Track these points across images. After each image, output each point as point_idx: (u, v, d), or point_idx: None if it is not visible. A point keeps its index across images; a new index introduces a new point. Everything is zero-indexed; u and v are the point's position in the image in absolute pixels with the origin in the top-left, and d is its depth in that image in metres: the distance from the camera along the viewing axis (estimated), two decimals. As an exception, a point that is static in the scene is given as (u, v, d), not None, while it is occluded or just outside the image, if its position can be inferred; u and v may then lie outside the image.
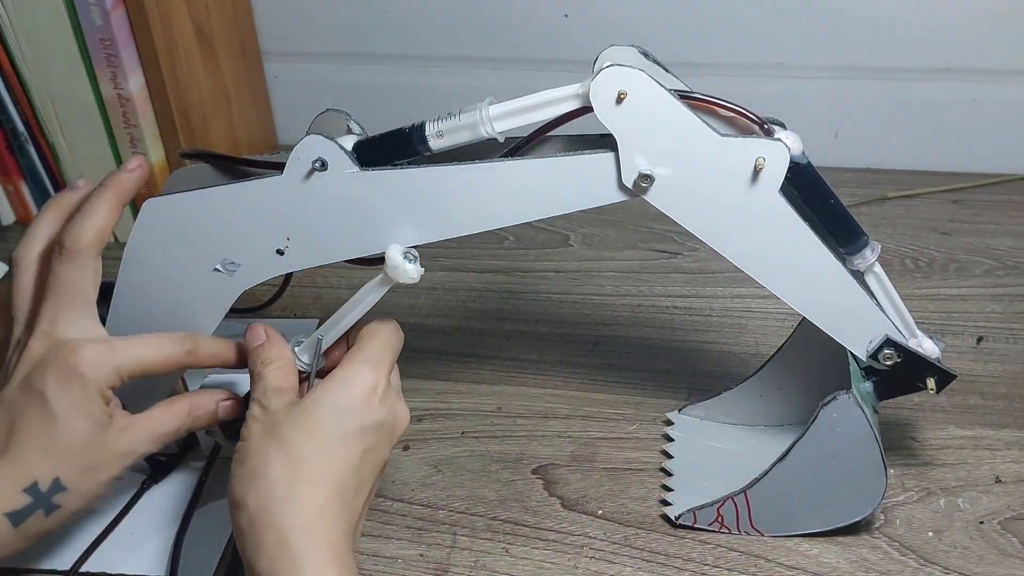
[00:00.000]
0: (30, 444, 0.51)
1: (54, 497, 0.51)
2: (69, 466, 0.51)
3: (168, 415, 0.55)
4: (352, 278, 0.85)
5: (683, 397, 0.70)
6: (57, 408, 0.51)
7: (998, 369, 0.72)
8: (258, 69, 1.05)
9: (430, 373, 0.74)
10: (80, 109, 0.86)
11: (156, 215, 0.55)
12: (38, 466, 0.50)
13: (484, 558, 0.59)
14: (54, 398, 0.51)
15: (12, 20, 0.81)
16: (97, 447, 0.52)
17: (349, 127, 0.55)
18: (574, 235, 0.91)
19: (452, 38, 1.01)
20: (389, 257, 0.53)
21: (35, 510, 0.50)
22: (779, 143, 0.50)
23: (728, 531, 0.60)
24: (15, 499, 0.50)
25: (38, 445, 0.51)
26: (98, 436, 0.52)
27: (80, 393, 0.51)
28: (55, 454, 0.51)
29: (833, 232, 0.54)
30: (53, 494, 0.51)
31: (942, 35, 0.93)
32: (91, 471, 0.52)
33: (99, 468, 0.52)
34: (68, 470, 0.51)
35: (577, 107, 0.50)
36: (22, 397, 0.52)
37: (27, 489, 0.50)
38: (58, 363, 0.52)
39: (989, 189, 0.95)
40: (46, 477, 0.50)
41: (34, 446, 0.51)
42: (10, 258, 0.57)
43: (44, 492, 0.50)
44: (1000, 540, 0.59)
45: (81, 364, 0.51)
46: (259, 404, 0.52)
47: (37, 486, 0.50)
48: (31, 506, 0.50)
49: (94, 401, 0.52)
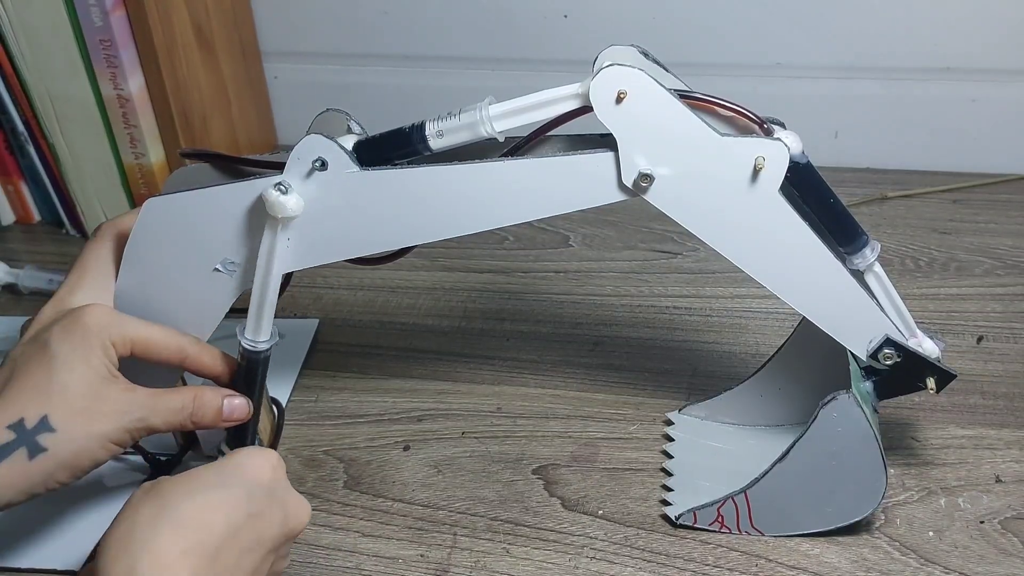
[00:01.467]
0: (25, 384, 0.50)
1: (40, 436, 0.49)
2: (61, 406, 0.50)
3: (173, 394, 0.54)
4: (352, 278, 0.85)
5: (683, 397, 0.70)
6: (57, 351, 0.50)
7: (998, 369, 0.72)
8: (258, 69, 1.05)
9: (430, 373, 0.74)
10: (80, 109, 0.86)
11: (156, 214, 0.55)
12: (28, 404, 0.49)
13: (484, 558, 0.59)
14: (55, 343, 0.51)
15: (12, 20, 0.81)
16: (94, 393, 0.50)
17: (349, 127, 0.55)
18: (574, 235, 0.91)
19: (452, 38, 1.01)
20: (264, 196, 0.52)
21: (17, 447, 0.48)
22: (779, 143, 0.50)
23: (728, 531, 0.59)
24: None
25: (32, 384, 0.50)
26: (96, 382, 0.51)
27: (82, 341, 0.51)
28: (47, 392, 0.50)
29: (833, 232, 0.54)
30: (39, 432, 0.49)
31: (942, 35, 0.93)
32: (84, 416, 0.50)
33: (93, 416, 0.50)
34: (59, 410, 0.49)
35: (577, 107, 0.50)
36: (26, 349, 0.52)
37: (12, 425, 0.48)
38: (66, 319, 0.52)
39: (989, 189, 0.95)
40: (34, 414, 0.49)
41: (28, 385, 0.50)
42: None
43: (29, 429, 0.49)
44: (1000, 540, 0.59)
45: (87, 316, 0.52)
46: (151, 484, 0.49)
47: (23, 422, 0.49)
48: (14, 443, 0.48)
49: (96, 351, 0.51)
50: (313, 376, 0.74)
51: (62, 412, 0.50)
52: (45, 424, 0.49)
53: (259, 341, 0.56)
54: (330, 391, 0.73)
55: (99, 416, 0.51)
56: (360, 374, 0.74)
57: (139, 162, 0.89)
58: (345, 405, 0.71)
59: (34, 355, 0.51)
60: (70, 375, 0.50)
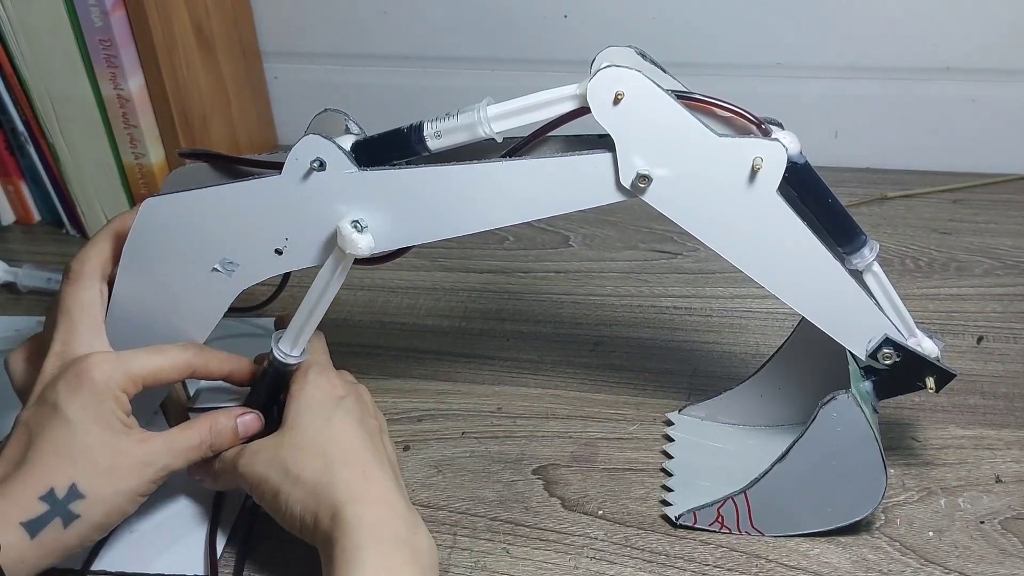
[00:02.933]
0: (46, 451, 0.50)
1: (71, 504, 0.50)
2: (86, 470, 0.51)
3: (187, 431, 0.56)
4: (352, 278, 0.84)
5: (683, 397, 0.70)
6: (70, 413, 0.51)
7: (998, 369, 0.72)
8: (258, 69, 1.05)
9: (430, 373, 0.74)
10: (80, 109, 0.86)
11: (155, 214, 0.55)
12: (54, 472, 0.50)
13: (484, 558, 0.59)
14: (66, 405, 0.51)
15: (12, 20, 0.81)
16: (113, 451, 0.52)
17: (348, 127, 0.55)
18: (574, 235, 0.91)
19: (452, 38, 1.01)
20: (340, 229, 0.53)
21: (52, 518, 0.49)
22: (776, 143, 0.50)
23: (728, 531, 0.59)
24: (31, 507, 0.49)
25: (53, 451, 0.50)
26: (114, 440, 0.52)
27: (92, 398, 0.51)
28: (71, 458, 0.50)
29: (831, 232, 0.54)
30: (70, 501, 0.50)
31: (942, 35, 0.93)
32: (109, 477, 0.51)
33: (117, 475, 0.52)
34: (85, 475, 0.50)
35: (575, 108, 0.50)
36: (37, 412, 0.52)
37: (43, 496, 0.49)
38: (68, 374, 0.52)
39: (989, 189, 0.95)
40: (63, 483, 0.50)
41: (50, 452, 0.50)
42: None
43: (61, 499, 0.50)
44: (1001, 540, 0.59)
45: (92, 370, 0.52)
46: (239, 451, 0.56)
47: (53, 492, 0.50)
48: (48, 514, 0.49)
49: (107, 406, 0.52)
50: (313, 376, 0.74)
51: (88, 476, 0.51)
52: (75, 492, 0.50)
53: (292, 355, 0.58)
54: (330, 391, 0.73)
55: (123, 473, 0.52)
56: (360, 374, 0.74)
57: (139, 162, 0.89)
58: (345, 405, 0.71)
59: (48, 419, 0.51)
60: (88, 437, 0.51)
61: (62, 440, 0.51)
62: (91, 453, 0.51)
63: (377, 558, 0.48)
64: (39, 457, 0.50)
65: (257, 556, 0.59)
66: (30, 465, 0.50)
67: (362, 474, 0.53)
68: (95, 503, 0.51)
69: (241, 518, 0.62)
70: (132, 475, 0.52)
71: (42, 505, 0.49)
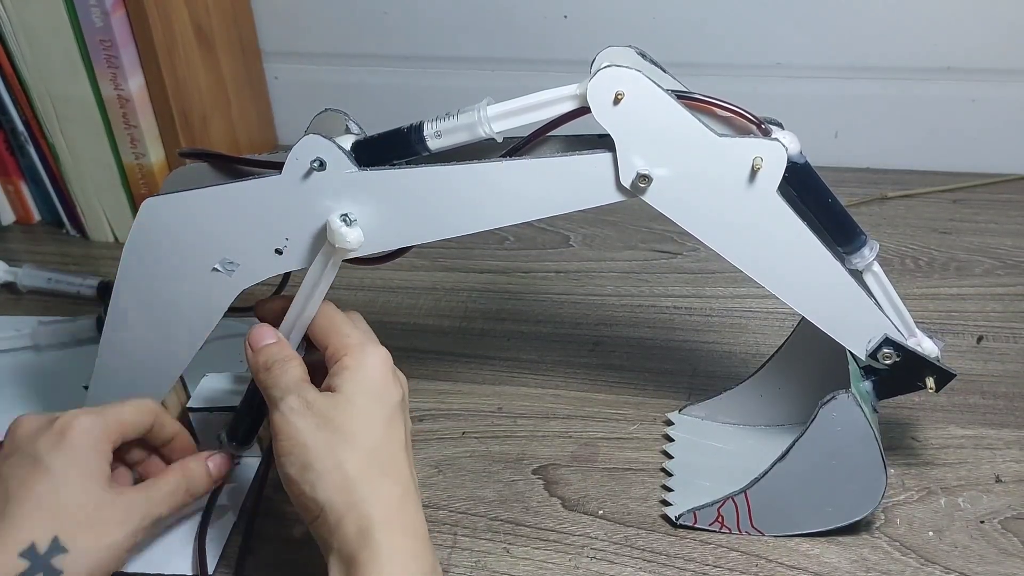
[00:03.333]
0: (27, 505, 0.50)
1: (54, 559, 0.49)
2: (68, 524, 0.50)
3: (162, 481, 0.56)
4: (352, 278, 0.85)
5: (683, 397, 0.70)
6: (53, 466, 0.50)
7: (998, 368, 0.72)
8: (258, 69, 1.05)
9: (430, 373, 0.74)
10: (80, 109, 0.86)
11: (155, 214, 0.55)
12: (35, 526, 0.49)
13: (485, 558, 0.59)
14: (49, 458, 0.51)
15: (12, 20, 0.81)
16: (96, 504, 0.51)
17: (348, 127, 0.55)
18: (574, 235, 0.91)
19: (452, 38, 1.01)
20: (329, 223, 0.53)
21: (34, 575, 0.48)
22: (776, 143, 0.50)
23: (728, 531, 0.59)
24: (11, 564, 0.48)
25: (35, 504, 0.50)
26: (96, 493, 0.51)
27: (75, 452, 0.51)
28: (53, 512, 0.50)
29: (831, 231, 0.54)
30: (52, 556, 0.49)
31: (942, 35, 0.93)
32: (91, 530, 0.51)
33: (100, 528, 0.51)
34: (67, 528, 0.50)
35: (575, 108, 0.50)
36: (15, 465, 0.51)
37: (24, 552, 0.48)
38: (50, 432, 0.52)
39: (989, 189, 0.95)
40: (44, 537, 0.49)
41: (30, 505, 0.49)
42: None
43: (42, 554, 0.49)
44: (1001, 539, 0.59)
45: (74, 426, 0.52)
46: (297, 397, 0.51)
47: (35, 548, 0.49)
48: (29, 570, 0.48)
49: (91, 459, 0.52)
50: (313, 376, 0.74)
51: (71, 530, 0.50)
52: (57, 546, 0.49)
53: None
54: (330, 391, 0.73)
55: (107, 527, 0.51)
56: (360, 374, 0.74)
57: (139, 162, 0.89)
58: (345, 405, 0.71)
59: (28, 472, 0.51)
60: (70, 489, 0.50)
61: (44, 493, 0.50)
62: (73, 506, 0.50)
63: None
64: (19, 511, 0.49)
65: (257, 556, 0.59)
66: (10, 519, 0.49)
67: (401, 494, 0.50)
68: (78, 557, 0.50)
69: (241, 518, 0.62)
70: (115, 528, 0.52)
71: (23, 562, 0.48)
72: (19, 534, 0.49)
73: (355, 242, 0.53)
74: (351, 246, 0.53)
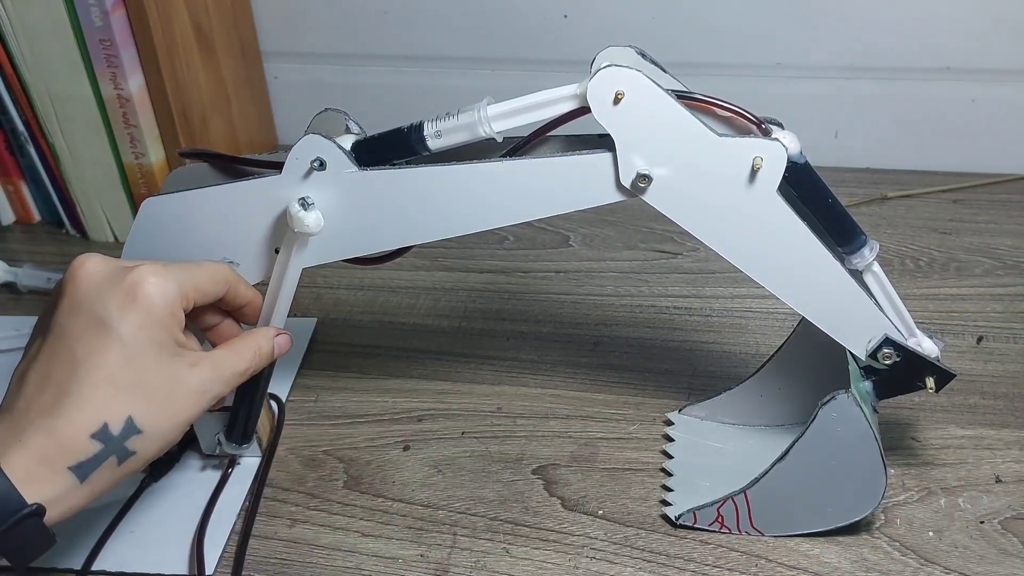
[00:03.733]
0: (97, 379, 0.44)
1: (128, 441, 0.45)
2: (145, 402, 0.45)
3: (235, 356, 0.52)
4: (352, 278, 0.85)
5: (683, 397, 0.70)
6: (125, 334, 0.45)
7: (998, 369, 0.72)
8: (258, 69, 1.05)
9: (430, 373, 0.74)
10: (80, 109, 0.86)
11: (155, 214, 0.55)
12: (109, 404, 0.44)
13: (484, 558, 0.59)
14: (119, 323, 0.45)
15: (12, 20, 0.81)
16: (170, 379, 0.46)
17: (348, 127, 0.55)
18: (574, 235, 0.91)
19: (452, 38, 1.01)
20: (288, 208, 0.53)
21: (106, 458, 0.44)
22: (776, 143, 0.50)
23: (728, 531, 0.59)
24: (82, 448, 0.44)
25: (106, 378, 0.44)
26: (171, 366, 0.46)
27: (148, 315, 0.46)
28: (127, 388, 0.45)
29: (831, 232, 0.54)
30: (127, 437, 0.45)
31: (942, 35, 0.93)
32: (167, 409, 0.46)
33: (174, 406, 0.47)
34: (144, 406, 0.45)
35: (575, 107, 0.50)
36: (81, 326, 0.46)
37: (96, 434, 0.44)
38: (118, 288, 0.46)
39: (989, 189, 0.95)
40: (118, 417, 0.44)
41: (102, 380, 0.44)
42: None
43: (116, 436, 0.44)
44: (1001, 540, 0.59)
45: (145, 285, 0.46)
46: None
47: (107, 429, 0.44)
48: (101, 454, 0.44)
49: (164, 324, 0.47)
50: (313, 376, 0.74)
51: (146, 408, 0.45)
52: (132, 426, 0.45)
53: None
54: (330, 391, 0.73)
55: (180, 403, 0.47)
56: (360, 374, 0.74)
57: (139, 162, 0.89)
58: (345, 405, 0.71)
59: (96, 337, 0.45)
60: (144, 361, 0.45)
61: (116, 366, 0.45)
62: (150, 381, 0.45)
63: None
64: (89, 386, 0.44)
65: (257, 556, 0.60)
66: (77, 397, 0.44)
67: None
68: (153, 438, 0.46)
69: (240, 518, 0.62)
70: (190, 405, 0.47)
71: (95, 444, 0.44)
72: (90, 413, 0.44)
73: (314, 225, 0.53)
74: (310, 230, 0.53)
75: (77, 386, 0.44)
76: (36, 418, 0.44)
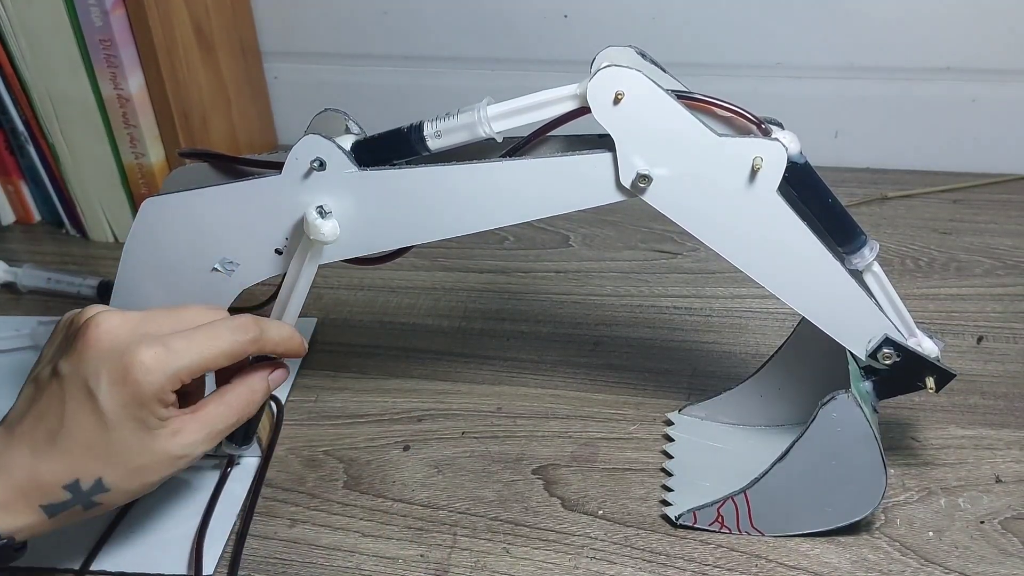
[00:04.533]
0: (78, 441, 0.49)
1: (95, 496, 0.50)
2: (115, 469, 0.50)
3: (224, 410, 0.54)
4: (352, 278, 0.85)
5: (683, 397, 0.70)
6: (107, 409, 0.49)
7: (998, 369, 0.72)
8: (258, 69, 1.05)
9: (430, 373, 0.74)
10: (80, 109, 0.86)
11: (154, 214, 0.55)
12: (83, 465, 0.50)
13: (484, 558, 0.59)
14: (105, 399, 0.49)
15: (12, 20, 0.81)
16: (147, 451, 0.50)
17: (347, 127, 0.55)
18: (574, 235, 0.91)
19: (452, 38, 1.01)
20: (305, 216, 0.53)
21: (73, 505, 0.50)
22: (776, 143, 0.50)
23: (728, 531, 0.59)
24: (53, 493, 0.49)
25: (85, 443, 0.49)
26: (148, 440, 0.50)
27: (133, 398, 0.49)
28: (102, 456, 0.50)
29: (831, 231, 0.54)
30: (94, 493, 0.50)
31: (942, 35, 0.93)
32: (138, 474, 0.51)
33: (147, 471, 0.51)
34: (113, 473, 0.50)
35: (575, 107, 0.50)
36: (73, 386, 0.50)
37: (68, 486, 0.50)
38: (113, 365, 0.49)
39: (989, 189, 0.95)
40: (89, 477, 0.50)
41: (81, 444, 0.49)
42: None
43: (85, 491, 0.50)
44: (1001, 540, 0.59)
45: (137, 369, 0.49)
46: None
47: (78, 484, 0.50)
48: (70, 502, 0.50)
49: (148, 407, 0.50)
50: (313, 376, 0.74)
51: (116, 474, 0.50)
52: (100, 486, 0.50)
53: None
54: (330, 391, 0.73)
55: (152, 470, 0.51)
56: (360, 374, 0.74)
57: (139, 162, 0.89)
58: (345, 405, 0.71)
59: (83, 401, 0.49)
60: (122, 438, 0.50)
61: (95, 435, 0.49)
62: (124, 454, 0.50)
63: None
64: (69, 445, 0.49)
65: (257, 556, 0.59)
66: (59, 450, 0.49)
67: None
68: (118, 495, 0.51)
69: (239, 519, 0.62)
70: (164, 469, 0.51)
71: (65, 493, 0.50)
72: (66, 467, 0.49)
73: (330, 234, 0.53)
74: (326, 238, 0.53)
75: (60, 440, 0.50)
76: (27, 453, 0.50)
